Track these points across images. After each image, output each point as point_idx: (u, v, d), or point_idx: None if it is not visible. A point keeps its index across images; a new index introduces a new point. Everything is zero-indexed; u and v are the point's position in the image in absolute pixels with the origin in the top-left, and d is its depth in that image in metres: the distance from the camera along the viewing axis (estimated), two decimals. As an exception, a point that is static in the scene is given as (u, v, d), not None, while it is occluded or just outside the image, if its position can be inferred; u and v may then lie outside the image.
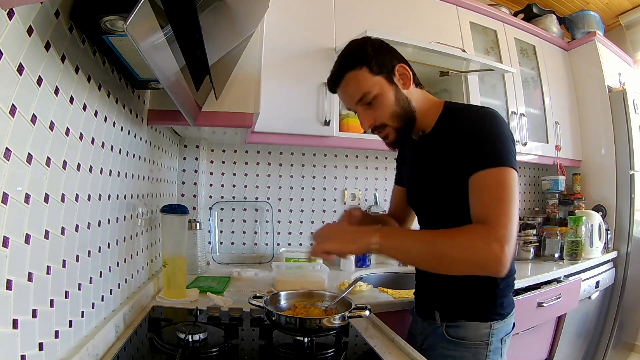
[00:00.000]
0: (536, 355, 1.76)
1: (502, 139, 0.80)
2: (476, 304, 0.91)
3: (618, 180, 2.32)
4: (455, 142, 0.85)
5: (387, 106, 0.88)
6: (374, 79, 0.87)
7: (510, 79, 2.14)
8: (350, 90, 0.89)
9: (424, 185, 0.97)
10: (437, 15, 1.93)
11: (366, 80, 0.87)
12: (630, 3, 2.75)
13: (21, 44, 0.50)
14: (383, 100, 0.88)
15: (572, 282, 1.84)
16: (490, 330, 0.90)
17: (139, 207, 1.09)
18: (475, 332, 0.90)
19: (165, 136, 1.44)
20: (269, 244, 1.91)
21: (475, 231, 0.74)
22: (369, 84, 0.87)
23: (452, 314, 0.94)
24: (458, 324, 0.92)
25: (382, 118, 0.89)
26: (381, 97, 0.88)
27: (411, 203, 1.08)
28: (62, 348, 0.65)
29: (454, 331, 0.93)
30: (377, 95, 0.87)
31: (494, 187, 0.76)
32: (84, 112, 0.71)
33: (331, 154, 2.03)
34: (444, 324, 0.94)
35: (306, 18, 1.65)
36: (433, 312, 0.97)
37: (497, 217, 0.73)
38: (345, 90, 0.90)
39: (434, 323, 0.96)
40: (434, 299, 0.99)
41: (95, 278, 0.79)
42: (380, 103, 0.88)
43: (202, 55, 0.73)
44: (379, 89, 0.87)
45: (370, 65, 0.87)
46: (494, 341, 0.90)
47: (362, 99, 0.88)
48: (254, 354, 0.87)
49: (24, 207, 0.53)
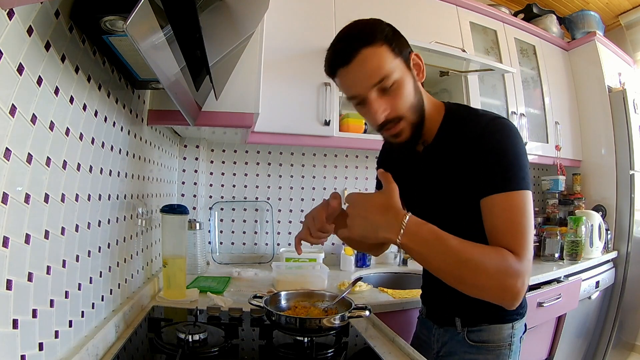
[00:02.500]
0: (536, 355, 1.76)
1: (520, 158, 0.72)
2: (498, 306, 0.86)
3: (618, 180, 2.32)
4: (464, 157, 0.76)
5: (406, 95, 0.75)
6: (395, 61, 0.73)
7: (510, 79, 2.14)
8: (367, 68, 0.72)
9: (427, 202, 0.88)
10: (437, 15, 1.92)
11: (388, 60, 0.72)
12: (630, 3, 2.75)
13: (21, 44, 0.50)
14: (403, 88, 0.74)
15: (572, 282, 1.84)
16: (512, 330, 0.87)
17: (139, 207, 1.09)
18: (498, 334, 0.87)
19: (165, 136, 1.44)
20: (269, 244, 1.91)
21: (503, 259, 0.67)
22: (391, 65, 0.72)
23: (474, 319, 0.88)
24: (481, 327, 0.88)
25: (400, 109, 0.75)
26: (402, 83, 0.74)
27: (411, 208, 1.01)
28: (62, 348, 0.65)
29: (476, 336, 0.88)
30: (398, 81, 0.73)
31: (510, 211, 0.70)
32: (84, 112, 0.71)
33: (331, 154, 2.02)
34: (465, 329, 0.89)
35: (306, 18, 1.65)
36: (452, 319, 0.91)
37: (517, 247, 0.68)
38: (360, 68, 0.72)
39: (454, 329, 0.91)
40: (452, 304, 0.92)
41: (95, 278, 0.79)
42: (399, 90, 0.74)
43: (202, 55, 0.73)
44: (400, 74, 0.74)
45: (392, 44, 0.73)
46: (515, 341, 0.88)
47: (382, 81, 0.72)
48: (254, 354, 0.87)
49: (24, 207, 0.53)
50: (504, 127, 0.75)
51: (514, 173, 0.71)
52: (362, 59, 0.72)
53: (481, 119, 0.78)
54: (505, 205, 0.71)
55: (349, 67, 0.73)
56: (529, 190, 0.71)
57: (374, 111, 0.74)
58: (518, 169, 0.72)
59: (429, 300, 1.01)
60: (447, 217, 0.79)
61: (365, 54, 0.71)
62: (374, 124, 0.78)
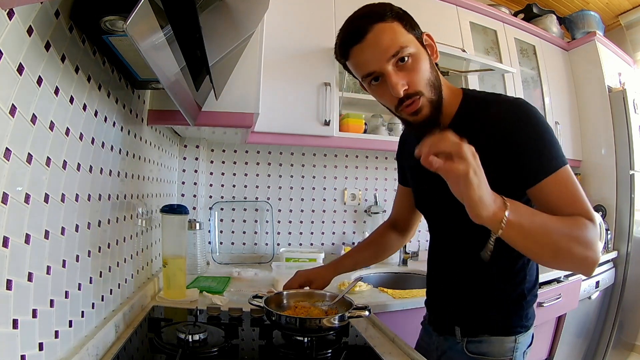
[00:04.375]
0: (536, 355, 1.76)
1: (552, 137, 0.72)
2: (501, 317, 0.84)
3: (618, 180, 2.32)
4: (488, 143, 0.71)
5: (423, 70, 0.73)
6: (409, 36, 0.72)
7: (510, 79, 2.14)
8: (382, 42, 0.70)
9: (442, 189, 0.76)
10: (437, 15, 1.93)
11: (402, 34, 0.71)
12: (630, 3, 2.75)
13: (21, 44, 0.50)
14: (419, 62, 0.72)
15: (572, 282, 1.84)
16: (515, 344, 0.83)
17: (139, 207, 1.09)
18: (499, 347, 0.83)
19: (165, 136, 1.44)
20: (269, 244, 1.91)
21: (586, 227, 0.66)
22: (405, 38, 0.71)
23: (475, 329, 0.85)
24: (481, 339, 0.84)
25: (419, 83, 0.72)
26: (418, 58, 0.72)
27: (420, 207, 0.97)
28: (62, 348, 0.65)
29: (475, 347, 0.85)
30: (414, 55, 0.72)
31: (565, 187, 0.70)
32: (83, 112, 0.71)
33: (331, 154, 2.03)
34: (465, 340, 0.86)
35: (306, 18, 1.65)
36: (452, 327, 0.88)
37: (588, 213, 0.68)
38: (376, 42, 0.70)
39: (453, 338, 0.88)
40: (453, 312, 0.90)
41: (95, 278, 0.79)
42: (416, 64, 0.72)
43: (202, 55, 0.73)
44: (415, 49, 0.72)
45: (403, 21, 0.73)
46: (517, 356, 0.84)
47: (398, 53, 0.70)
48: (254, 354, 0.87)
49: (24, 207, 0.53)
50: (526, 108, 0.74)
51: (554, 153, 0.71)
52: (376, 34, 0.70)
53: (501, 103, 0.76)
54: (558, 185, 0.70)
55: (363, 43, 0.71)
56: (567, 163, 0.71)
57: (393, 84, 0.71)
58: (554, 148, 0.71)
59: (431, 307, 0.99)
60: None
61: (378, 28, 0.70)
62: (391, 101, 0.75)
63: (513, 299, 0.83)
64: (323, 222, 2.01)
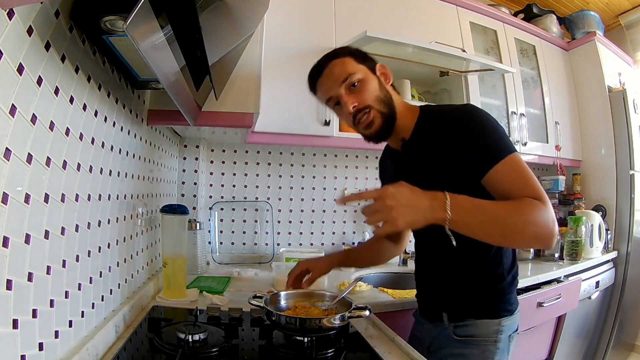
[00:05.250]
0: (536, 355, 1.75)
1: (497, 129, 0.82)
2: (483, 300, 0.91)
3: (618, 180, 2.32)
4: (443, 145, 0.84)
5: (371, 90, 0.89)
6: (359, 66, 0.90)
7: (510, 79, 2.14)
8: (335, 72, 0.89)
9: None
10: (437, 15, 1.92)
11: (352, 65, 0.89)
12: (630, 3, 2.75)
13: (21, 44, 0.50)
14: (367, 84, 0.89)
15: (572, 282, 1.84)
16: (499, 327, 0.90)
17: (139, 207, 1.09)
18: (485, 329, 0.90)
19: (165, 136, 1.44)
20: (269, 244, 1.91)
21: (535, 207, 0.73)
22: (354, 67, 0.89)
23: (460, 314, 0.92)
24: (467, 323, 0.91)
25: (366, 99, 0.88)
26: (366, 81, 0.89)
27: None
28: (62, 348, 0.65)
29: (462, 330, 0.92)
30: (362, 80, 0.89)
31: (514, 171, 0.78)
32: (84, 112, 0.71)
33: (331, 154, 2.03)
34: (452, 325, 0.93)
35: (306, 18, 1.65)
36: (440, 314, 0.95)
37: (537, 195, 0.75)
38: (329, 74, 0.90)
39: (442, 324, 0.95)
40: (439, 300, 0.97)
41: (95, 278, 0.79)
42: (364, 86, 0.89)
43: (202, 55, 0.73)
44: (363, 74, 0.89)
45: (355, 56, 0.91)
46: (502, 338, 0.90)
47: (347, 79, 0.88)
48: (254, 354, 0.87)
49: (24, 207, 0.53)
50: (472, 110, 0.86)
51: (501, 144, 0.80)
52: (331, 67, 0.90)
53: (451, 111, 0.89)
54: (507, 171, 0.78)
55: (322, 76, 0.91)
56: (516, 152, 0.80)
57: (344, 102, 0.88)
58: (501, 139, 0.81)
59: (419, 297, 1.07)
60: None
61: (333, 63, 0.90)
62: (347, 118, 0.91)
63: (493, 281, 0.91)
64: (323, 222, 2.01)
